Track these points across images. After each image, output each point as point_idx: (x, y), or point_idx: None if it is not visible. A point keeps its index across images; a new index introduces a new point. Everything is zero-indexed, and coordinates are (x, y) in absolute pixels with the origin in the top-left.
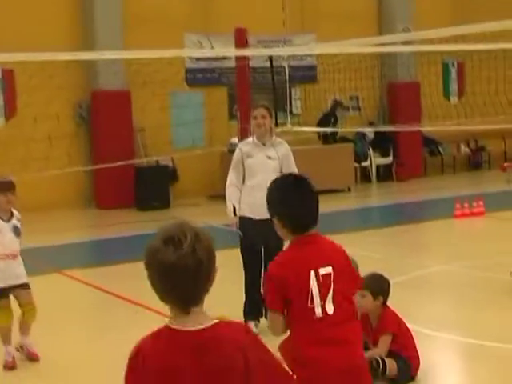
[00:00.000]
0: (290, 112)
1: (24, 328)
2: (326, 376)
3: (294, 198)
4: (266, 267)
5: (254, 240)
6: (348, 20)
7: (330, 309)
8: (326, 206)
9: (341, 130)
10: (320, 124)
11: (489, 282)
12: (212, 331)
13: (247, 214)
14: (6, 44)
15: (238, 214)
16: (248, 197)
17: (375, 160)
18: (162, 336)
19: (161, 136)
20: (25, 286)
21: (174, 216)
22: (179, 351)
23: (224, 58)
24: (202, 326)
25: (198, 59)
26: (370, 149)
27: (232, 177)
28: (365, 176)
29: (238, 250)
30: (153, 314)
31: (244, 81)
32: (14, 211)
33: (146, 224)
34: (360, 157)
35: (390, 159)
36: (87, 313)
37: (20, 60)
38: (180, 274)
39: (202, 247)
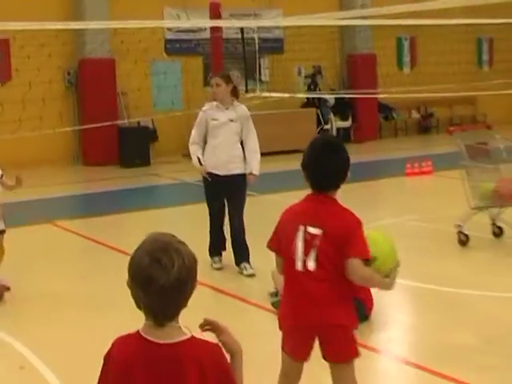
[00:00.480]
0: (259, 79)
1: None
2: (298, 327)
3: (317, 160)
4: (230, 216)
5: (217, 192)
6: None
7: (311, 265)
8: (292, 164)
9: (304, 95)
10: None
11: (436, 233)
12: (178, 347)
13: (212, 170)
14: (2, 15)
15: (203, 163)
16: (211, 155)
17: (335, 123)
18: (132, 341)
19: (142, 99)
20: (2, 232)
21: (154, 172)
22: (142, 357)
23: (200, 30)
24: (171, 341)
25: (177, 31)
26: (331, 113)
27: (195, 135)
28: None
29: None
30: None
31: (218, 51)
32: None
33: (129, 179)
34: (322, 120)
35: (348, 123)
36: (75, 258)
37: (14, 29)
38: (163, 295)
39: (186, 270)
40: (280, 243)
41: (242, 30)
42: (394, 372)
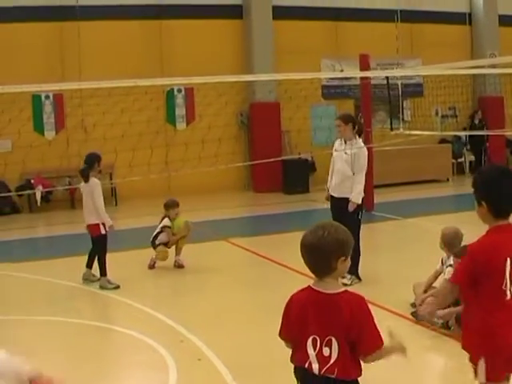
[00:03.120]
0: (402, 119)
1: (178, 250)
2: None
3: (504, 185)
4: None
5: (332, 210)
6: (447, 47)
7: None
8: (431, 192)
9: (441, 133)
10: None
11: None
12: (336, 296)
13: (330, 192)
14: (187, 70)
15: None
16: (331, 179)
17: (468, 157)
18: (305, 292)
19: (302, 137)
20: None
21: (312, 199)
22: (313, 301)
23: (351, 77)
24: (331, 292)
25: (331, 78)
26: (465, 148)
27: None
28: (460, 170)
29: None
30: (295, 274)
31: (367, 95)
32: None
33: (291, 204)
34: (456, 154)
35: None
36: (245, 271)
37: (197, 82)
38: (309, 253)
39: (331, 238)
40: (469, 278)
41: (387, 77)
42: None
